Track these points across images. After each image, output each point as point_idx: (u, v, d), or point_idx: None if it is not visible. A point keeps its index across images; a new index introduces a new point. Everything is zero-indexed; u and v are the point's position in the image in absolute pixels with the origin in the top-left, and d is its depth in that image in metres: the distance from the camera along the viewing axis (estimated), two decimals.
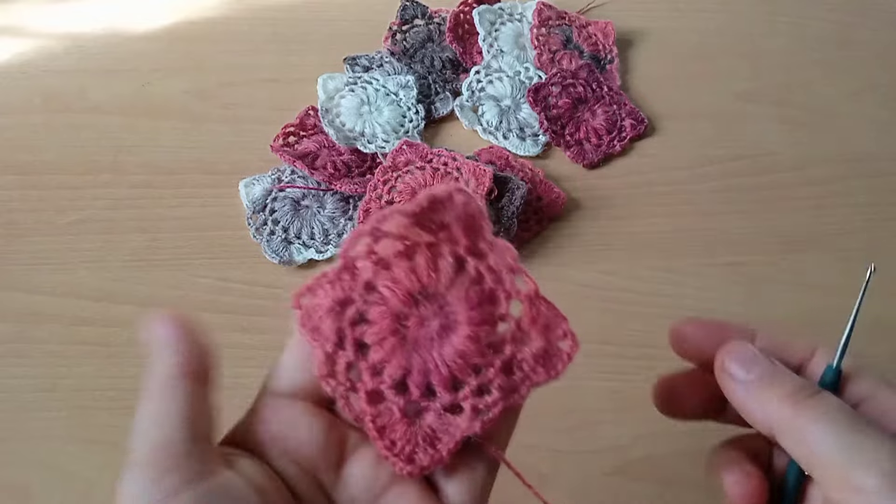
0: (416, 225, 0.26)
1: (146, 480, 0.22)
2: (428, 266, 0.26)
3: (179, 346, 0.25)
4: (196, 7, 0.68)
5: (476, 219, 0.26)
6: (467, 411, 0.25)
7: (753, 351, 0.27)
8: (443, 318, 0.26)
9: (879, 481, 0.22)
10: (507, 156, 0.60)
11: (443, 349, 0.25)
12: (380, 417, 0.25)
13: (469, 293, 0.26)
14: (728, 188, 0.60)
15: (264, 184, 0.57)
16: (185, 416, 0.23)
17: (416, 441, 0.25)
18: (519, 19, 0.67)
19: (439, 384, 0.25)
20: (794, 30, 0.70)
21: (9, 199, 0.56)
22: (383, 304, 0.25)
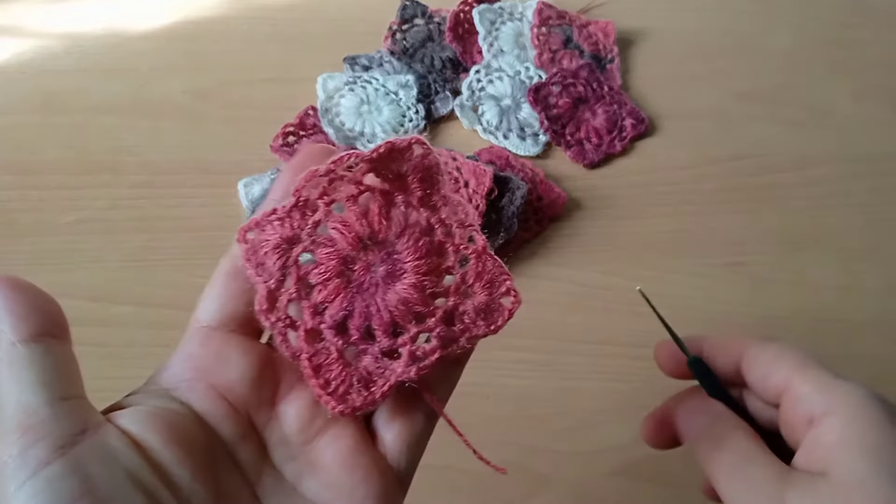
0: (373, 171, 0.26)
1: (15, 452, 0.20)
2: (379, 213, 0.26)
3: (16, 307, 0.24)
4: (195, 7, 0.68)
5: (433, 171, 0.26)
6: (405, 357, 0.25)
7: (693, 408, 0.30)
8: (389, 265, 0.26)
9: None
10: (507, 155, 0.60)
11: (386, 295, 0.26)
12: (316, 356, 0.25)
13: (417, 243, 0.26)
14: (728, 188, 0.60)
15: (264, 184, 0.56)
16: (41, 378, 0.22)
17: (350, 382, 0.25)
18: (519, 18, 0.67)
19: (379, 328, 0.25)
20: (794, 30, 0.70)
21: (8, 199, 0.56)
22: (331, 246, 0.25)
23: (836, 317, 0.55)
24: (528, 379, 0.50)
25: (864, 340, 0.54)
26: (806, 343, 0.54)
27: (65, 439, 0.21)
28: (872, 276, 0.57)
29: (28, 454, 0.20)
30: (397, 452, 0.26)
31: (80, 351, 0.54)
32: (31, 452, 0.20)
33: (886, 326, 0.54)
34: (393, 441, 0.26)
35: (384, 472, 0.26)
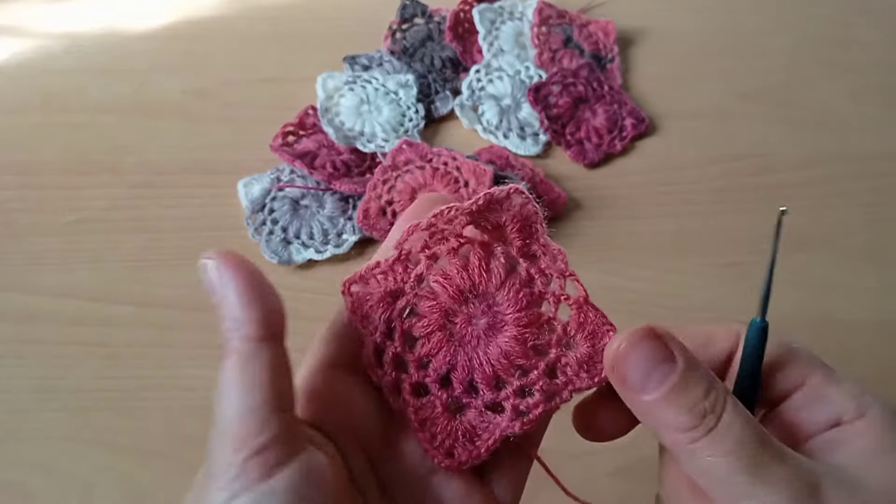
0: (472, 223, 0.26)
1: (240, 460, 0.20)
2: (479, 265, 0.26)
3: (253, 301, 0.22)
4: (195, 6, 0.68)
5: (531, 221, 0.26)
6: (508, 411, 0.26)
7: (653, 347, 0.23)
8: (490, 318, 0.26)
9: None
10: (507, 155, 0.59)
11: (488, 348, 0.26)
12: (422, 410, 0.26)
13: (518, 294, 0.26)
14: (728, 188, 0.60)
15: (263, 183, 0.56)
16: (272, 384, 0.21)
17: (455, 436, 0.26)
18: (519, 18, 0.67)
19: (482, 382, 0.26)
20: (794, 30, 0.70)
21: (7, 199, 0.56)
22: (433, 299, 0.26)
23: (836, 317, 0.55)
24: None
25: (864, 340, 0.54)
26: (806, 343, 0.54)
27: (283, 455, 0.21)
28: (872, 276, 0.57)
29: (248, 465, 0.20)
30: (504, 490, 0.26)
31: (80, 351, 0.55)
32: (250, 464, 0.20)
33: (886, 326, 0.54)
34: (500, 480, 0.26)
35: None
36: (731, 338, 0.27)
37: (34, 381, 0.49)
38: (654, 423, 0.23)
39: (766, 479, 0.22)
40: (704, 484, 0.23)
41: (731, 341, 0.27)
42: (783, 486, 0.22)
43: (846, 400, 0.25)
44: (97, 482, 0.46)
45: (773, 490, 0.22)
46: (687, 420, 0.22)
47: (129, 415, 0.48)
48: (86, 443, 0.47)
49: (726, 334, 0.27)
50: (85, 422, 0.48)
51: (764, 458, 0.22)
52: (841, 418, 0.24)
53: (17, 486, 0.45)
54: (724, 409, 0.23)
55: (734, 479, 0.22)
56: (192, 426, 0.48)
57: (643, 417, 0.24)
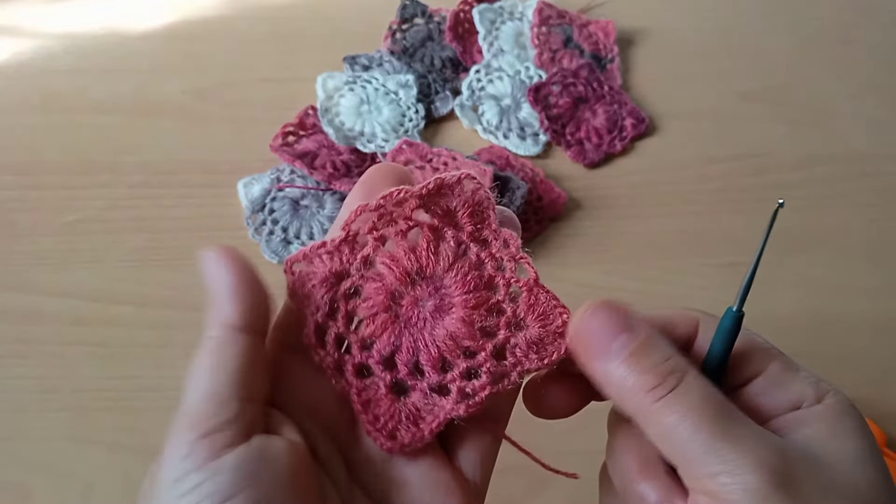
0: (422, 207, 0.26)
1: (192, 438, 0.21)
2: (427, 247, 0.26)
3: (240, 293, 0.23)
4: (195, 6, 0.68)
5: (483, 206, 0.26)
6: (454, 393, 0.25)
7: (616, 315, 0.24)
8: (438, 300, 0.26)
9: (743, 497, 0.21)
10: (507, 155, 0.59)
11: (435, 330, 0.26)
12: (365, 392, 0.25)
13: (466, 277, 0.26)
14: (728, 188, 0.60)
15: (263, 183, 0.56)
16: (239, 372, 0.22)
17: (399, 418, 0.25)
18: (519, 18, 0.67)
19: (428, 364, 0.25)
20: (794, 30, 0.70)
21: (7, 199, 0.56)
22: (379, 281, 0.26)
23: (836, 317, 0.55)
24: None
25: (864, 340, 0.54)
26: (806, 343, 0.54)
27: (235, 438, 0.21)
28: (872, 276, 0.57)
29: (198, 445, 0.21)
30: (472, 468, 0.26)
31: (80, 351, 0.55)
32: (201, 444, 0.21)
33: (886, 326, 0.54)
34: (467, 457, 0.26)
35: (464, 487, 0.26)
36: (690, 324, 0.27)
37: (34, 381, 0.49)
38: (616, 388, 0.23)
39: (732, 437, 0.22)
40: (667, 448, 0.23)
41: (689, 328, 0.27)
42: (750, 445, 0.21)
43: (805, 386, 0.25)
44: (97, 482, 0.46)
45: (739, 449, 0.21)
46: (651, 379, 0.23)
47: (129, 415, 0.48)
48: (86, 443, 0.47)
49: (685, 321, 0.27)
50: (85, 422, 0.48)
51: (729, 419, 0.22)
52: (800, 403, 0.25)
53: (17, 486, 0.45)
54: (687, 372, 0.23)
55: (698, 437, 0.22)
56: None
57: (606, 384, 0.24)
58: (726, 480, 0.21)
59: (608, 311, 0.24)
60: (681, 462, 0.22)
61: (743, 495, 0.21)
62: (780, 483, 0.21)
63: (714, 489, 0.21)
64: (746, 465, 0.21)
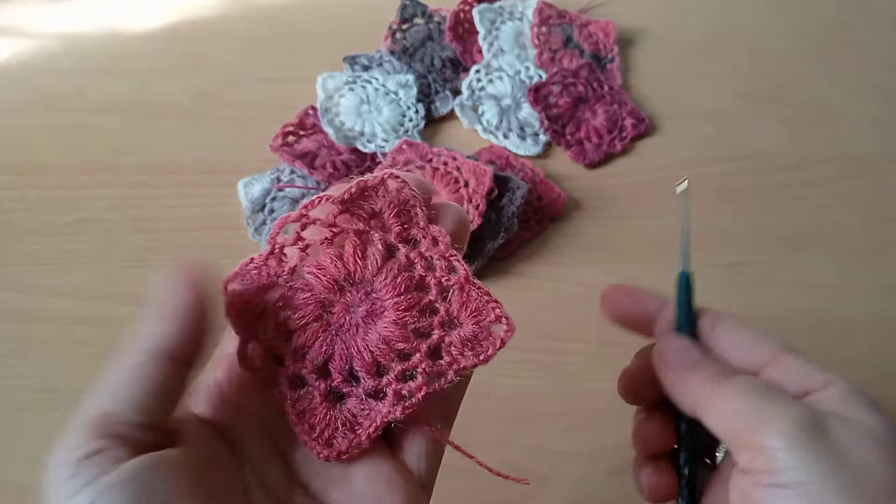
0: (346, 212, 0.26)
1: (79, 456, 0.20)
2: (354, 253, 0.26)
3: (182, 319, 0.23)
4: (195, 6, 0.68)
5: (409, 205, 0.26)
6: (390, 396, 0.25)
7: (686, 343, 0.30)
8: (369, 305, 0.26)
9: (778, 442, 0.24)
10: (507, 155, 0.59)
11: (367, 335, 0.26)
12: (299, 402, 0.25)
13: (396, 280, 0.26)
14: (728, 188, 0.60)
15: (263, 183, 0.56)
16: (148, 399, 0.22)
17: (335, 425, 0.25)
18: (519, 18, 0.67)
19: (362, 369, 0.26)
20: (794, 30, 0.70)
21: (7, 199, 0.56)
22: (308, 291, 0.26)
23: (836, 317, 0.55)
24: (528, 379, 0.50)
25: (864, 340, 0.54)
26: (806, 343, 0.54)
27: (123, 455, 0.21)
28: (872, 276, 0.57)
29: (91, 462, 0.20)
30: (416, 460, 0.26)
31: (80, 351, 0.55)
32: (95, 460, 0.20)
33: (886, 326, 0.54)
34: (411, 449, 0.27)
35: (408, 479, 0.26)
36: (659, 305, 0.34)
37: (34, 381, 0.49)
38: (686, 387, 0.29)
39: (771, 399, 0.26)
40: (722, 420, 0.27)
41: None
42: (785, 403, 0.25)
43: (814, 373, 0.27)
44: None
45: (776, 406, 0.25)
46: (711, 371, 0.28)
47: None
48: None
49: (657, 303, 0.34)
50: None
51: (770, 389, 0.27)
52: (810, 389, 0.27)
53: (17, 486, 0.45)
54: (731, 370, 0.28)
55: (746, 402, 0.26)
56: None
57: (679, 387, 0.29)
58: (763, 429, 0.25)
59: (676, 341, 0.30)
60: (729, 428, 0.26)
61: (776, 438, 0.24)
62: (809, 424, 0.24)
63: (752, 440, 0.25)
64: (780, 414, 0.25)
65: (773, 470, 0.24)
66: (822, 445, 0.24)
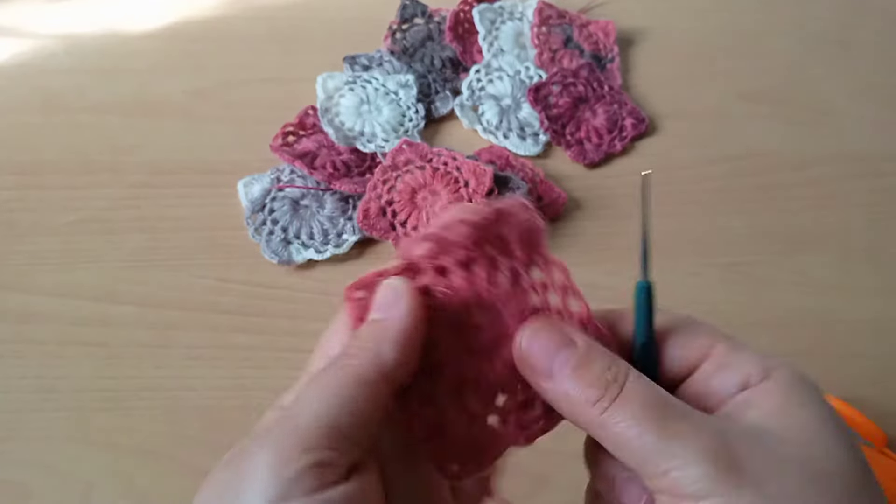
0: (479, 235, 0.26)
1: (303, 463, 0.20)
2: (486, 278, 0.26)
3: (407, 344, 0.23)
4: (195, 6, 0.68)
5: (536, 235, 0.26)
6: (513, 423, 0.26)
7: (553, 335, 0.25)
8: (496, 331, 0.26)
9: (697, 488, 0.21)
10: (507, 155, 0.59)
11: (493, 361, 0.26)
12: (428, 420, 0.25)
13: (522, 310, 0.26)
14: (728, 188, 0.60)
15: (263, 183, 0.56)
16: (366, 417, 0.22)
17: (462, 447, 0.25)
18: (519, 18, 0.67)
19: (487, 394, 0.26)
20: (794, 30, 0.70)
21: (7, 199, 0.56)
22: (440, 310, 0.26)
23: (836, 317, 0.55)
24: None
25: (864, 340, 0.54)
26: (806, 343, 0.54)
27: (343, 474, 0.21)
28: (872, 276, 0.57)
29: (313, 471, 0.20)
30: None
31: (80, 351, 0.55)
32: (315, 471, 0.20)
33: (886, 326, 0.54)
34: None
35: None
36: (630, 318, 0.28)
37: (34, 381, 0.49)
38: (567, 406, 0.24)
39: (675, 433, 0.22)
40: (621, 456, 0.23)
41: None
42: (692, 438, 0.22)
43: (751, 364, 0.25)
44: (97, 482, 0.46)
45: (683, 443, 0.22)
46: (594, 392, 0.24)
47: (129, 415, 0.48)
48: (86, 443, 0.47)
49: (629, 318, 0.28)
50: (85, 422, 0.48)
51: (669, 416, 0.23)
52: (748, 382, 0.25)
53: (17, 486, 0.45)
54: (627, 378, 0.24)
55: (645, 440, 0.22)
56: (191, 426, 0.48)
57: (557, 403, 0.25)
58: (677, 475, 0.22)
59: (546, 330, 0.25)
60: (637, 466, 0.23)
61: (694, 485, 0.21)
62: (726, 465, 0.21)
63: (669, 485, 0.22)
64: (692, 456, 0.22)
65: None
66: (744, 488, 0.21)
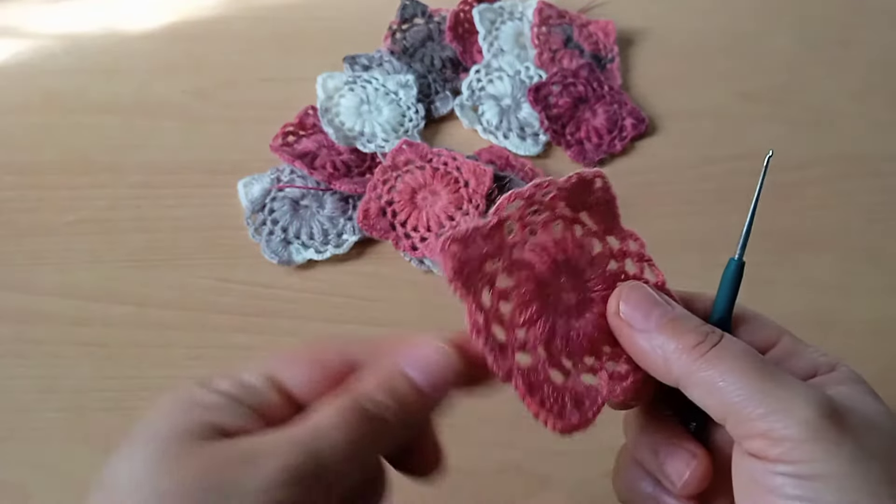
0: (565, 199, 0.27)
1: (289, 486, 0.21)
2: (574, 240, 0.27)
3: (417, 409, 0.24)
4: (195, 6, 0.68)
5: (612, 205, 0.28)
6: (605, 378, 0.27)
7: (650, 293, 0.26)
8: (581, 293, 0.27)
9: (799, 430, 0.22)
10: (507, 155, 0.59)
11: (580, 321, 0.27)
12: (529, 375, 0.26)
13: (605, 273, 0.27)
14: (728, 188, 0.60)
15: (263, 183, 0.56)
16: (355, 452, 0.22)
17: (563, 401, 0.26)
18: (519, 18, 0.67)
19: (578, 351, 0.26)
20: (794, 30, 0.70)
21: (7, 199, 0.56)
22: (529, 269, 0.26)
23: (836, 317, 0.55)
24: None
25: (864, 340, 0.54)
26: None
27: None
28: (872, 276, 0.57)
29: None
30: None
31: (80, 351, 0.55)
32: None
33: (886, 326, 0.54)
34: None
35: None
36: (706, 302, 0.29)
37: (34, 381, 0.49)
38: (661, 355, 0.25)
39: (779, 379, 0.23)
40: (716, 401, 0.24)
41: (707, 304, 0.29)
42: (797, 386, 0.23)
43: (819, 356, 0.27)
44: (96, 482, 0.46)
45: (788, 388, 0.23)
46: (693, 337, 0.24)
47: (129, 415, 0.48)
48: (86, 443, 0.47)
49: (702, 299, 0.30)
50: (85, 422, 0.48)
51: (769, 366, 0.24)
52: (815, 372, 0.26)
53: (17, 486, 0.45)
54: (723, 336, 0.25)
55: (747, 382, 0.23)
56: None
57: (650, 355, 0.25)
58: (780, 417, 0.22)
59: (642, 290, 0.26)
60: (731, 411, 0.23)
61: (798, 429, 0.22)
62: (829, 413, 0.22)
63: (767, 428, 0.22)
64: (796, 400, 0.22)
65: (793, 461, 0.22)
66: (845, 436, 0.22)
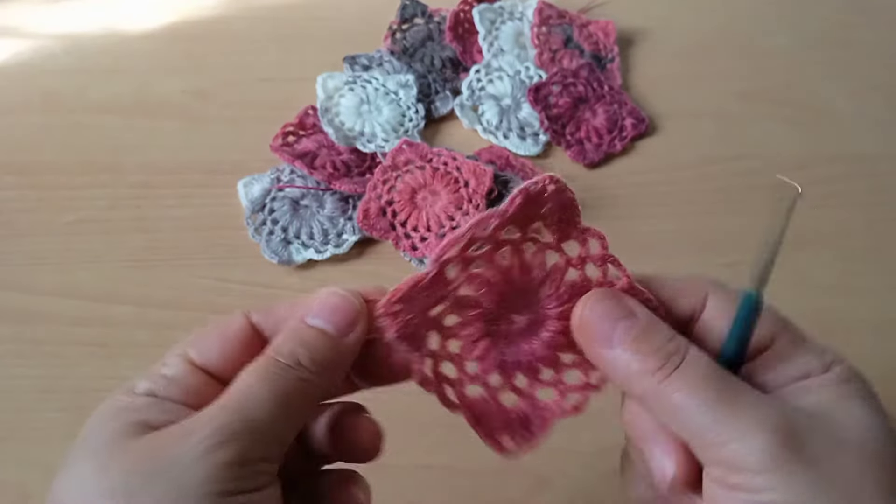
0: (510, 223, 0.26)
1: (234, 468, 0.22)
2: (520, 267, 0.26)
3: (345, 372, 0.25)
4: (195, 6, 0.68)
5: (567, 209, 0.27)
6: (557, 396, 0.27)
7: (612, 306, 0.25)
8: (534, 314, 0.27)
9: (756, 460, 0.21)
10: (507, 155, 0.59)
11: (533, 342, 0.27)
12: (476, 408, 0.26)
13: (559, 290, 0.26)
14: (728, 188, 0.60)
15: (263, 183, 0.56)
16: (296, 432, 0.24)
17: (512, 426, 0.26)
18: (519, 18, 0.67)
19: (529, 373, 0.27)
20: (794, 30, 0.70)
21: (7, 199, 0.56)
22: (476, 307, 0.26)
23: (836, 317, 0.55)
24: None
25: (864, 340, 0.54)
26: None
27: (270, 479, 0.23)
28: (872, 276, 0.57)
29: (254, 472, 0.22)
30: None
31: (80, 351, 0.55)
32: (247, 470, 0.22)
33: (886, 326, 0.54)
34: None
35: None
36: (698, 295, 0.28)
37: (34, 381, 0.49)
38: (623, 374, 0.24)
39: (737, 405, 0.22)
40: (677, 426, 0.23)
41: (697, 299, 0.27)
42: (754, 411, 0.22)
43: (812, 359, 0.25)
44: None
45: (744, 416, 0.22)
46: (654, 361, 0.24)
47: None
48: None
49: (694, 291, 0.28)
50: (85, 421, 0.48)
51: (730, 390, 0.23)
52: (809, 374, 0.25)
53: (17, 486, 0.45)
54: (688, 351, 0.24)
55: (705, 410, 0.22)
56: None
57: (612, 371, 0.25)
58: (736, 446, 0.22)
59: (608, 300, 0.25)
60: (692, 436, 0.23)
61: (753, 457, 0.21)
62: (786, 441, 0.21)
63: (726, 457, 0.22)
64: (753, 429, 0.22)
65: (751, 490, 0.21)
66: (803, 465, 0.21)
